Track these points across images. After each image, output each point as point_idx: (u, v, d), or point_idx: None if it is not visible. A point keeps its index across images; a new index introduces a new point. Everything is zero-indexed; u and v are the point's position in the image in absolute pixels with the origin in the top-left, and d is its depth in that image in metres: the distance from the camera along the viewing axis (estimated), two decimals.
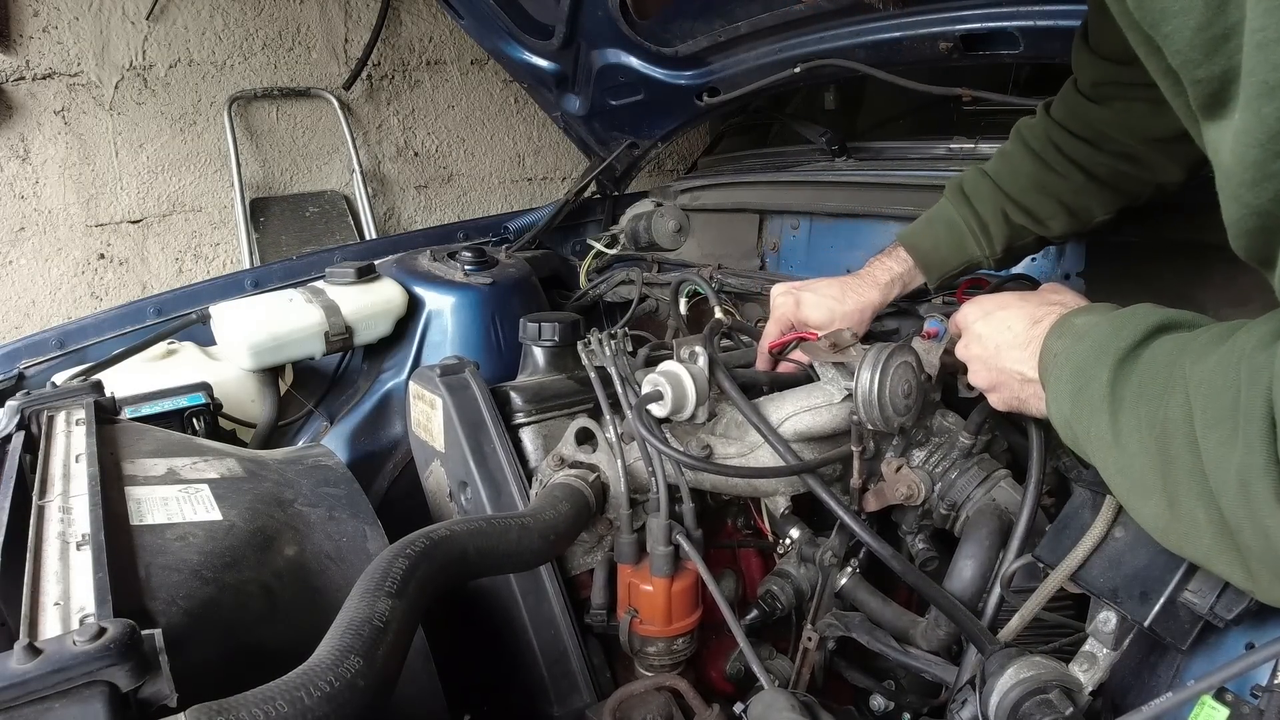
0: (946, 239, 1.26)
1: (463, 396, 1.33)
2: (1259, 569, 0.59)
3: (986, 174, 1.24)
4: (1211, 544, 0.61)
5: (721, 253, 2.10)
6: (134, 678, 0.60)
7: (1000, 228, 1.22)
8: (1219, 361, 0.59)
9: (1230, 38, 0.50)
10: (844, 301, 1.27)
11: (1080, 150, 1.15)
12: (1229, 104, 0.53)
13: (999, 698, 0.84)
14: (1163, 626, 0.78)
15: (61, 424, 1.16)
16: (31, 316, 3.17)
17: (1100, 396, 0.71)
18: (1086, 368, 0.74)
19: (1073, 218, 1.20)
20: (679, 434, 1.23)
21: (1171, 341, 0.68)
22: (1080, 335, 0.79)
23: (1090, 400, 0.72)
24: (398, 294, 1.95)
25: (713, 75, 2.03)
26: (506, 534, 1.01)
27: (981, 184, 1.24)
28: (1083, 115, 1.14)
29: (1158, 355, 0.68)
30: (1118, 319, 0.75)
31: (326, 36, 3.56)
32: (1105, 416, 0.70)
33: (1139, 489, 0.68)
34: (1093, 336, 0.76)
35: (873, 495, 1.17)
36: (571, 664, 1.22)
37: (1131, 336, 0.71)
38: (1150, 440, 0.65)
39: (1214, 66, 0.52)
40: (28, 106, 3.04)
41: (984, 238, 1.23)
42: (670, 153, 3.91)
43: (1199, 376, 0.60)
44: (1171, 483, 0.63)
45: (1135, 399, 0.68)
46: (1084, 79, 1.13)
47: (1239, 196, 0.55)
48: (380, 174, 3.80)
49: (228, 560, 0.91)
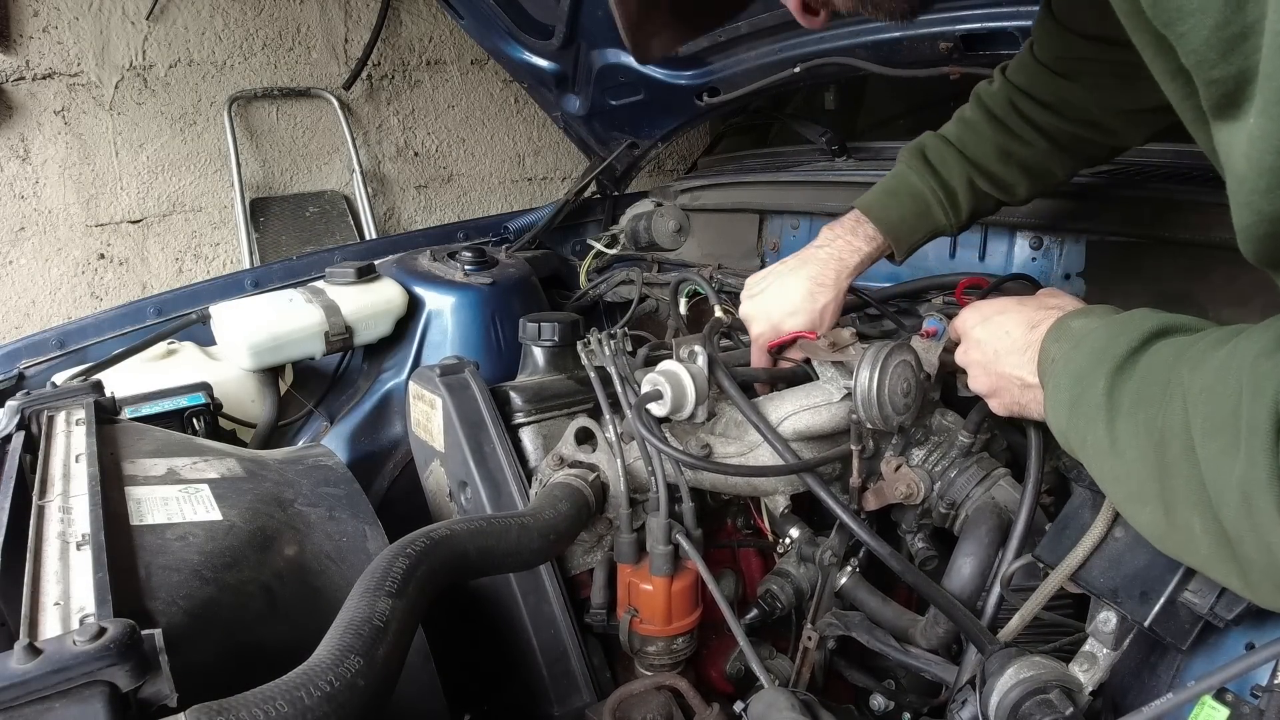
0: (913, 209, 1.22)
1: (463, 396, 1.33)
2: (1260, 580, 0.58)
3: (950, 142, 1.21)
4: (1209, 553, 0.61)
5: (721, 253, 2.10)
6: (134, 678, 0.60)
7: (968, 196, 1.20)
8: (1219, 368, 0.58)
9: (1249, 37, 0.48)
10: (816, 299, 1.22)
11: (1043, 116, 1.13)
12: (1243, 105, 0.51)
13: (999, 697, 0.84)
14: (1163, 626, 0.78)
15: (61, 424, 1.16)
16: (31, 316, 3.17)
17: (1097, 404, 0.70)
18: (1084, 375, 0.73)
19: (1035, 182, 1.19)
20: (678, 433, 1.23)
21: (1169, 347, 0.68)
22: (1078, 341, 0.78)
23: (1087, 407, 0.72)
24: (398, 294, 1.95)
25: (713, 75, 2.03)
26: (506, 534, 1.02)
27: (947, 152, 1.21)
28: (1045, 84, 1.12)
29: (1155, 361, 0.68)
30: (1115, 324, 0.75)
31: (326, 36, 3.56)
32: (1102, 424, 0.69)
33: (1136, 496, 0.68)
34: (1090, 343, 0.76)
35: (872, 494, 1.17)
36: (571, 663, 1.22)
37: (1129, 342, 0.70)
38: (1148, 448, 0.64)
39: (1230, 66, 0.50)
40: (28, 106, 3.04)
41: (951, 207, 1.21)
42: (670, 153, 3.91)
43: (1198, 384, 0.60)
44: (1168, 491, 0.62)
45: (1133, 406, 0.67)
46: (1046, 51, 1.11)
47: (1251, 203, 0.53)
48: (380, 174, 3.80)
49: (228, 560, 0.91)
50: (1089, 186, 1.38)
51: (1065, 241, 1.42)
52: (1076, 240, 1.40)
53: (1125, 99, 1.05)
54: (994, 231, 1.53)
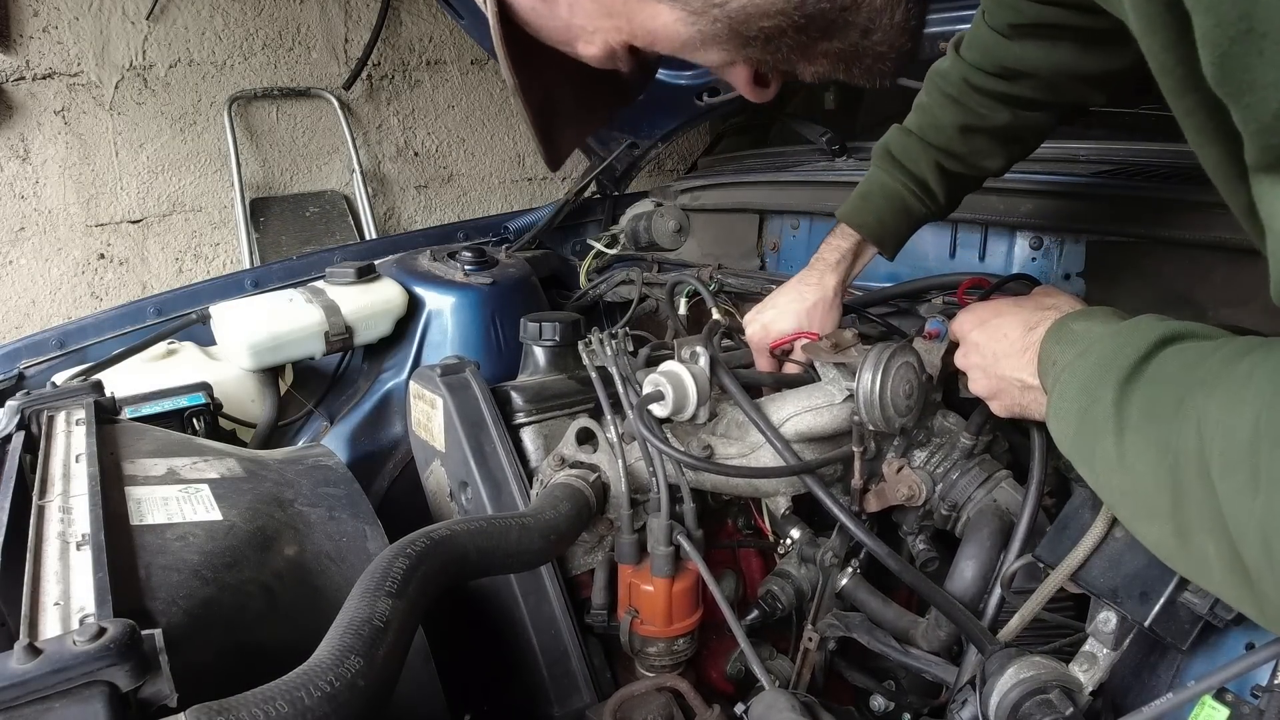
0: (889, 208, 1.22)
1: (463, 396, 1.33)
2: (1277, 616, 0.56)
3: (910, 131, 1.20)
4: (1224, 579, 0.58)
5: (721, 253, 2.10)
6: (134, 678, 0.60)
7: (939, 182, 1.19)
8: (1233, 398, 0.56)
9: None
10: (805, 298, 1.25)
11: (999, 86, 1.10)
12: None
13: (999, 698, 0.84)
14: (1163, 626, 0.78)
15: (61, 424, 1.16)
16: (31, 316, 3.18)
17: (1105, 415, 0.67)
18: (1091, 385, 0.71)
19: (1007, 149, 1.16)
20: (680, 434, 1.23)
21: (1178, 356, 0.65)
22: (1083, 349, 0.76)
23: (1095, 419, 0.69)
24: (398, 294, 1.95)
25: (713, 75, 2.02)
26: (507, 534, 1.01)
27: (909, 143, 1.19)
28: (999, 53, 1.08)
29: (1164, 371, 0.65)
30: (1121, 333, 0.73)
31: (326, 36, 3.56)
32: (1110, 438, 0.67)
33: (1145, 513, 0.65)
34: (1096, 351, 0.73)
35: (874, 496, 1.17)
36: (572, 664, 1.22)
37: (1136, 351, 0.67)
38: (1160, 466, 0.62)
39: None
40: (28, 106, 3.05)
41: (925, 196, 1.20)
42: (670, 153, 3.91)
43: (1213, 414, 0.57)
44: (1182, 513, 0.60)
45: (1143, 420, 0.65)
46: (999, 18, 1.06)
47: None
48: (380, 174, 3.80)
49: (228, 560, 0.91)
50: (1089, 186, 1.38)
51: (1065, 241, 1.42)
52: (1076, 240, 1.40)
53: (1085, 63, 1.01)
54: (994, 232, 1.53)
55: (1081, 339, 0.79)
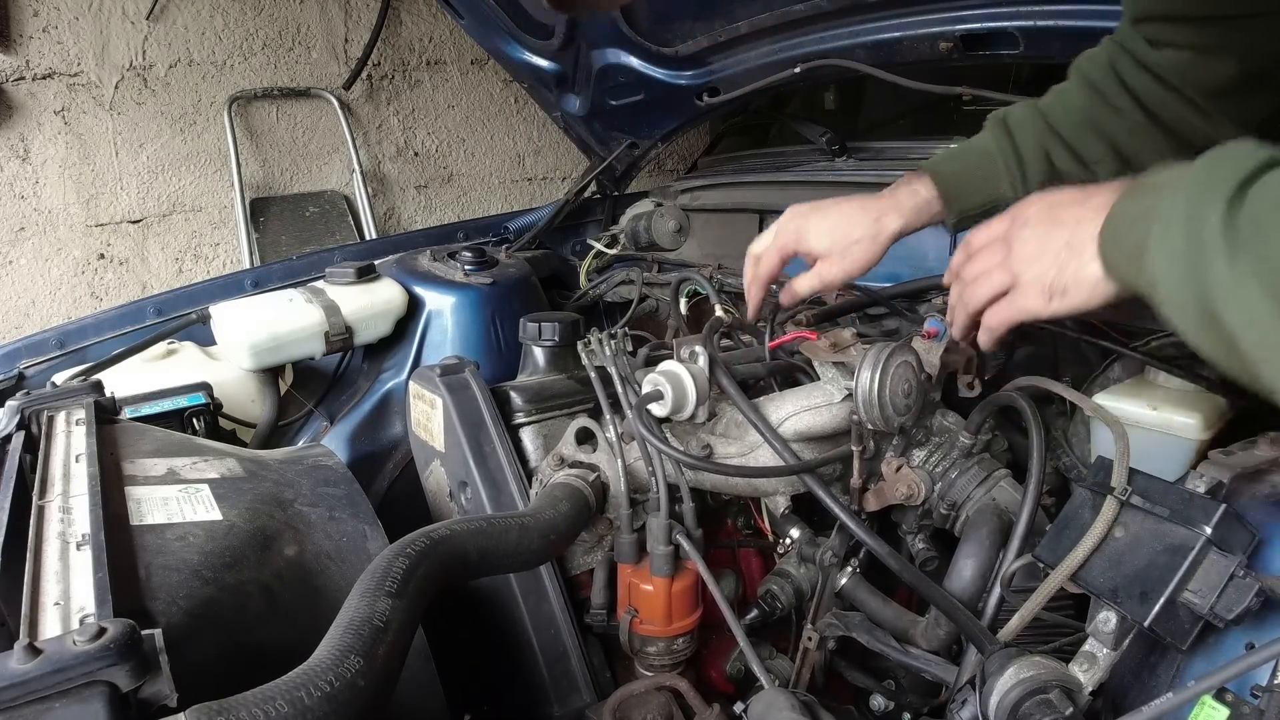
0: (976, 168, 1.12)
1: (463, 396, 1.33)
2: None
3: (1037, 107, 1.11)
4: None
5: (721, 253, 2.10)
6: (134, 678, 0.60)
7: (1040, 167, 1.09)
8: None
9: None
10: (852, 229, 1.12)
11: (1142, 82, 1.03)
12: None
13: (999, 697, 0.84)
14: (1163, 626, 0.78)
15: (61, 424, 1.16)
16: (31, 316, 3.17)
17: (1214, 233, 0.60)
18: (1196, 214, 0.63)
19: (1121, 164, 1.06)
20: (679, 434, 1.23)
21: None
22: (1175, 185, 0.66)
23: (1206, 243, 0.61)
24: (398, 294, 1.95)
25: (713, 75, 2.03)
26: (507, 534, 1.01)
27: (1028, 116, 1.11)
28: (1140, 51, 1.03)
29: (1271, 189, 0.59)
30: (1210, 161, 0.65)
31: (326, 36, 3.56)
32: (1223, 258, 0.59)
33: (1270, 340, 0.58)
34: (1194, 179, 0.65)
35: (873, 495, 1.17)
36: (571, 664, 1.22)
37: (1244, 171, 0.61)
38: None
39: None
40: (28, 106, 3.04)
41: (1019, 175, 1.10)
42: (670, 153, 3.91)
43: None
44: None
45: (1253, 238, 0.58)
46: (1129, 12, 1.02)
47: None
48: (380, 174, 3.80)
49: (228, 560, 0.91)
50: None
51: None
52: None
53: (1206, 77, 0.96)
54: None
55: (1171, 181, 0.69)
